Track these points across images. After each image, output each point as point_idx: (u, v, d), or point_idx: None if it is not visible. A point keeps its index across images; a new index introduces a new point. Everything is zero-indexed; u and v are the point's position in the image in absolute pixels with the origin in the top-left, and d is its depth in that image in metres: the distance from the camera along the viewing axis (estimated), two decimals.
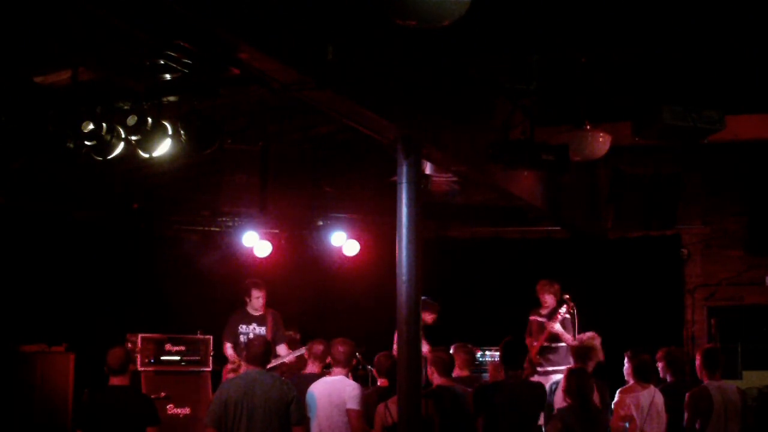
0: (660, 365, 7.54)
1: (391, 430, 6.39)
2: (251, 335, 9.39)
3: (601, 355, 7.90)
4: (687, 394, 6.84)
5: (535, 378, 8.89)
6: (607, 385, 7.42)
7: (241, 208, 8.55)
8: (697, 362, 7.09)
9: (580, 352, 7.66)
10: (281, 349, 9.45)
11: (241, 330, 9.46)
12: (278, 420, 6.46)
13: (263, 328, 9.46)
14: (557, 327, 9.43)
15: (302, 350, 8.77)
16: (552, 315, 9.66)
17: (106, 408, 6.38)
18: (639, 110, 7.42)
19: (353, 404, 6.80)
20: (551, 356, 9.64)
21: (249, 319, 9.51)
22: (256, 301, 9.48)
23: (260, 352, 6.78)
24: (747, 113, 8.76)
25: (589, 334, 8.76)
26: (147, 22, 4.83)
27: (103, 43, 5.36)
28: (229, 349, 9.41)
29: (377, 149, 6.96)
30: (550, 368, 9.47)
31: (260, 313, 9.55)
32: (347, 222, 10.95)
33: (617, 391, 7.15)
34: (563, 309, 9.49)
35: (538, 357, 9.54)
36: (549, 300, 9.76)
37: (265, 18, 4.74)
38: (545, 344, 9.53)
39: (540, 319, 9.79)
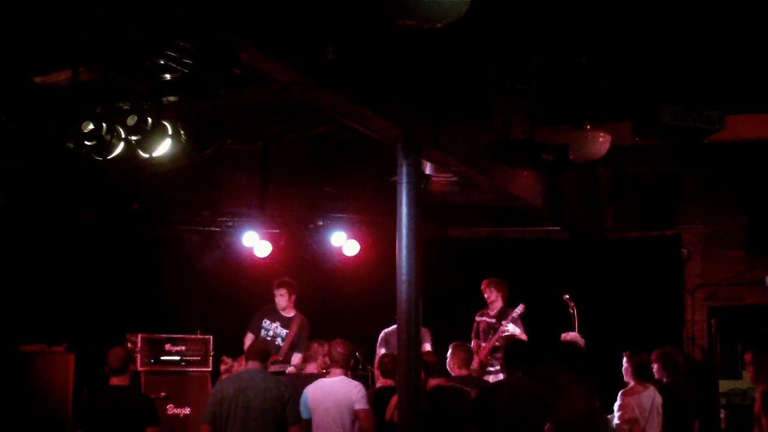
0: (655, 366, 7.54)
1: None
2: (271, 332, 9.38)
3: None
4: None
5: (486, 378, 8.86)
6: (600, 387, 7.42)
7: (241, 208, 8.56)
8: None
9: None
10: (295, 357, 9.37)
11: (264, 324, 9.44)
12: (274, 419, 6.49)
13: (285, 331, 9.42)
14: (511, 327, 9.37)
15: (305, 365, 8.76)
16: (502, 315, 9.62)
17: (106, 408, 6.39)
18: (639, 110, 7.41)
19: (363, 404, 6.81)
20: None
21: (275, 317, 9.48)
22: (277, 300, 9.46)
23: (259, 350, 6.84)
24: (747, 113, 8.76)
25: (572, 334, 8.74)
26: (147, 22, 4.83)
27: (103, 43, 5.36)
28: (249, 341, 9.37)
29: (377, 149, 6.96)
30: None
31: (290, 315, 9.49)
32: (347, 222, 10.95)
33: (619, 393, 7.13)
34: (518, 309, 9.45)
35: (488, 358, 9.48)
36: (492, 299, 9.73)
37: (265, 18, 4.74)
38: (496, 344, 9.47)
39: (489, 320, 9.76)
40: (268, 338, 9.37)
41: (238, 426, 6.44)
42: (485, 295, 9.81)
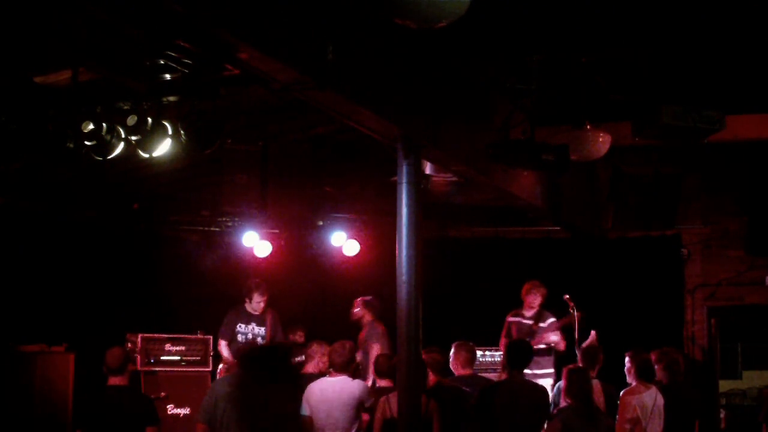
0: (655, 366, 7.54)
1: (390, 423, 6.41)
2: (250, 335, 9.36)
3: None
4: None
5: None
6: (614, 388, 7.41)
7: (241, 208, 8.56)
8: None
9: (590, 353, 7.66)
10: None
11: (239, 329, 9.42)
12: None
13: (262, 329, 9.42)
14: (553, 338, 9.38)
15: (301, 358, 8.76)
16: (539, 318, 9.63)
17: (105, 408, 6.39)
18: (639, 110, 7.42)
19: (371, 402, 6.87)
20: (541, 360, 9.57)
21: (248, 318, 9.46)
22: (257, 305, 9.43)
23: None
24: (747, 113, 8.76)
25: (593, 335, 8.77)
26: (147, 22, 4.83)
27: (103, 43, 5.36)
28: (224, 347, 9.35)
29: (377, 149, 6.97)
30: (538, 371, 9.43)
31: (260, 312, 9.51)
32: (347, 222, 10.95)
33: (621, 393, 7.13)
34: (569, 315, 9.43)
35: None
36: (536, 302, 9.73)
37: (265, 18, 4.74)
38: (540, 347, 9.49)
39: (525, 321, 9.75)
40: (249, 341, 9.34)
41: (233, 425, 6.45)
42: (527, 297, 9.75)
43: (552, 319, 9.63)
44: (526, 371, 9.18)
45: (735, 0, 6.13)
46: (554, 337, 9.40)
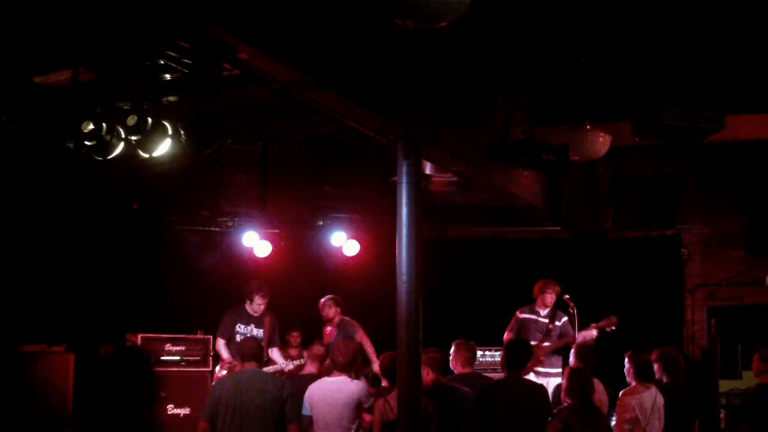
0: (655, 366, 7.54)
1: (391, 425, 6.40)
2: (249, 336, 9.37)
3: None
4: None
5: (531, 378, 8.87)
6: (613, 389, 7.42)
7: (241, 208, 8.56)
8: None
9: (584, 352, 7.65)
10: (274, 352, 9.42)
11: (238, 329, 9.42)
12: (272, 417, 6.53)
13: (261, 330, 9.41)
14: (594, 332, 9.38)
15: (301, 361, 8.75)
16: (554, 317, 9.66)
17: None
18: (639, 110, 7.42)
19: (371, 402, 6.87)
20: (552, 358, 9.59)
21: (248, 320, 9.45)
22: (258, 307, 9.43)
23: (254, 350, 6.87)
24: (747, 113, 8.77)
25: (593, 334, 8.77)
26: (147, 22, 4.83)
27: (103, 43, 5.36)
28: (222, 347, 9.35)
29: (377, 149, 6.97)
30: (550, 370, 9.44)
31: (260, 314, 9.51)
32: (347, 222, 10.95)
33: (620, 394, 7.13)
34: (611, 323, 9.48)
35: (544, 357, 9.48)
36: (551, 301, 9.74)
37: (265, 18, 4.74)
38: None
39: (540, 319, 9.74)
40: None
41: (236, 425, 6.47)
42: (543, 295, 9.75)
43: (565, 318, 9.65)
44: (539, 369, 9.23)
45: (735, 0, 6.13)
46: (594, 332, 9.40)
